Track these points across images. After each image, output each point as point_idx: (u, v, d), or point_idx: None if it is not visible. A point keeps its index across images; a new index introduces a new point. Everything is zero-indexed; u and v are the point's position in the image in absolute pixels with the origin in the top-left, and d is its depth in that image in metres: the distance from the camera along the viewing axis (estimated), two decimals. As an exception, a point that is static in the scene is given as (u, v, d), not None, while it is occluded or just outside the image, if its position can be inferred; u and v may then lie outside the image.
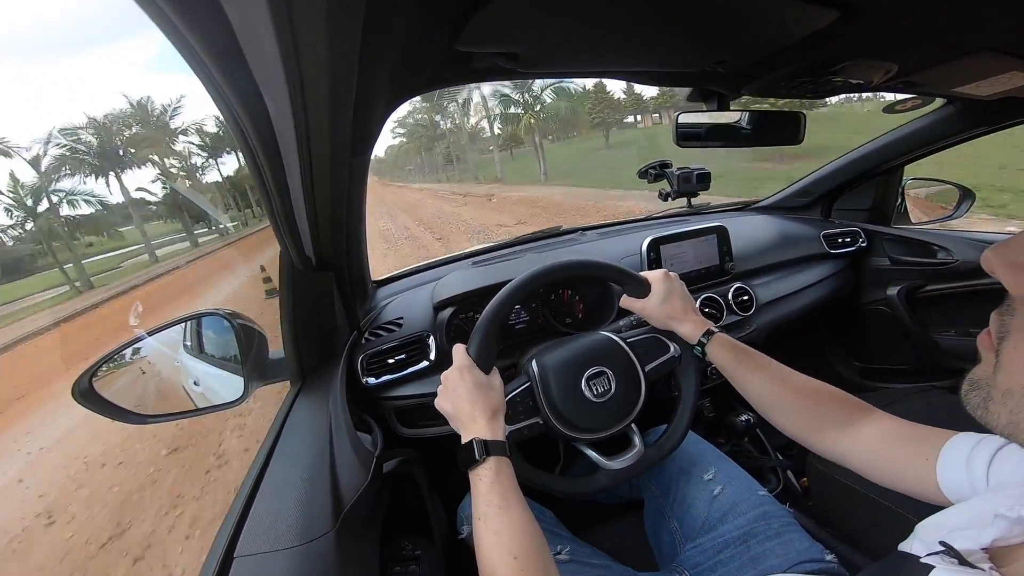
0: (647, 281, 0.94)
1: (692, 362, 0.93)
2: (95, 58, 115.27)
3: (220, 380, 0.99)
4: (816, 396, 0.77)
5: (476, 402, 0.78)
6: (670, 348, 0.94)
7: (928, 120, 1.44)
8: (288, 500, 0.72)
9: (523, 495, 0.71)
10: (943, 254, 1.54)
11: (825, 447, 0.73)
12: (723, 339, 0.88)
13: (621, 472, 0.87)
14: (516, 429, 0.83)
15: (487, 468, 0.71)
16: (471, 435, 0.75)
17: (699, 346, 0.89)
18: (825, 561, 0.80)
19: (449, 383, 0.81)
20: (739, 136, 1.12)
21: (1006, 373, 0.35)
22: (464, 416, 0.78)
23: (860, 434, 0.69)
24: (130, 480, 3.60)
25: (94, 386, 0.84)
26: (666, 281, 0.94)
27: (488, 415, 0.77)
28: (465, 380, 0.79)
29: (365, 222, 1.08)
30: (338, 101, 0.48)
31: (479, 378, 0.80)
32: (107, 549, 2.90)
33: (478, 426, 0.76)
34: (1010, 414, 0.34)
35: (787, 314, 1.48)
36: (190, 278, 17.80)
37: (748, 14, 0.65)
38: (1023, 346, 0.34)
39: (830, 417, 0.74)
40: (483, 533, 0.67)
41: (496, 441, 0.74)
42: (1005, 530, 0.38)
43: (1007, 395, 0.34)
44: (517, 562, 0.62)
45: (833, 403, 0.75)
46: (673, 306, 0.92)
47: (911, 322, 1.62)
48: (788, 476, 1.47)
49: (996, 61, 0.84)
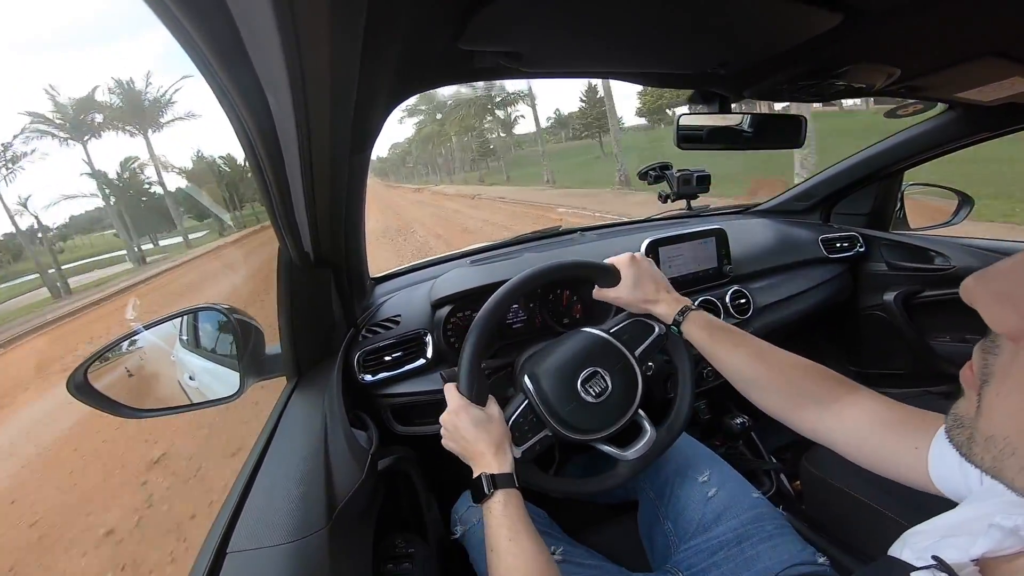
0: (614, 268, 0.94)
1: (680, 337, 0.93)
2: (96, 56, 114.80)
3: (216, 375, 0.99)
4: (795, 372, 0.76)
5: (479, 439, 0.78)
6: (655, 328, 0.94)
7: (929, 125, 1.44)
8: (282, 496, 0.72)
9: (532, 523, 0.73)
10: (940, 260, 1.54)
11: (806, 425, 0.72)
12: (698, 317, 0.88)
13: (639, 461, 0.87)
14: (528, 447, 0.83)
15: (496, 501, 0.72)
16: (480, 469, 0.76)
17: (675, 325, 0.89)
18: (817, 564, 0.81)
19: (449, 426, 0.82)
20: (740, 138, 1.13)
21: (987, 419, 0.33)
22: (471, 453, 0.79)
23: (844, 413, 0.68)
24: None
25: (89, 379, 0.84)
26: (633, 265, 0.93)
27: (493, 449, 0.77)
28: (463, 420, 0.79)
29: (364, 219, 1.08)
30: (340, 98, 0.48)
31: (476, 415, 0.80)
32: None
33: (485, 460, 0.77)
34: (993, 460, 0.32)
35: (784, 318, 1.48)
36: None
37: (751, 17, 0.64)
38: (1005, 394, 0.32)
39: (810, 394, 0.73)
40: (494, 564, 0.68)
41: (503, 474, 0.75)
42: (997, 542, 0.37)
43: (989, 442, 0.32)
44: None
45: (813, 379, 0.74)
46: (646, 289, 0.92)
47: (908, 327, 1.63)
48: (781, 479, 1.47)
49: (998, 66, 0.84)
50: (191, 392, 1.04)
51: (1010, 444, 0.31)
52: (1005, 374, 0.32)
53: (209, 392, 0.98)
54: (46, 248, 26.37)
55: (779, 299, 1.50)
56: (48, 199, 28.68)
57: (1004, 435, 0.31)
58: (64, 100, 27.77)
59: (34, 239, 27.86)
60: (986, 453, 0.32)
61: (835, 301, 1.66)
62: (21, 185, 27.11)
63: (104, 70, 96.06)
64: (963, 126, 1.36)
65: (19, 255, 28.77)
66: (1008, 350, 0.31)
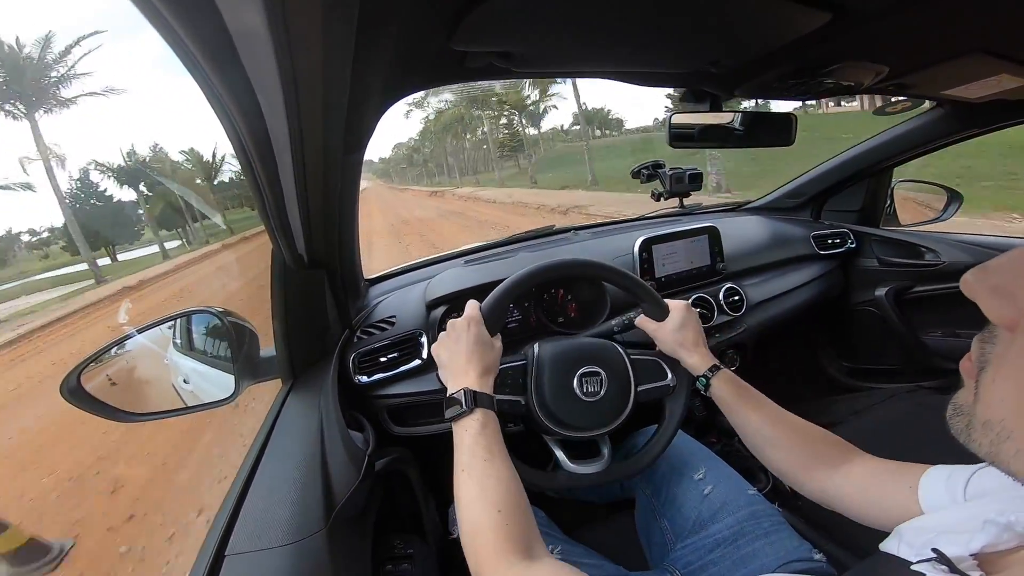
0: (667, 308, 0.96)
1: (683, 393, 0.94)
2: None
3: (210, 378, 0.98)
4: (809, 435, 0.79)
5: (473, 356, 0.78)
6: (667, 377, 0.95)
7: (917, 123, 1.45)
8: (279, 498, 0.72)
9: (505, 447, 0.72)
10: (931, 256, 1.56)
11: (815, 485, 0.74)
12: (728, 375, 0.89)
13: (580, 477, 0.88)
14: (497, 400, 0.82)
15: (474, 419, 0.71)
16: (459, 385, 0.75)
17: (703, 379, 0.90)
18: (814, 560, 0.81)
19: (454, 331, 0.82)
20: (732, 137, 1.13)
21: (984, 404, 0.34)
22: (457, 367, 0.79)
23: (850, 474, 0.71)
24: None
25: (82, 384, 0.83)
26: (685, 312, 0.95)
27: (480, 370, 0.78)
28: (470, 332, 0.80)
29: (357, 220, 1.08)
30: (332, 100, 0.48)
31: (483, 334, 0.81)
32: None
33: (468, 378, 0.76)
34: (990, 444, 0.33)
35: (777, 314, 1.49)
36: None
37: (741, 15, 0.65)
38: (1001, 379, 0.33)
39: (822, 456, 0.75)
40: (467, 485, 0.66)
41: (484, 394, 0.75)
42: (994, 536, 0.38)
43: (987, 426, 0.34)
44: (501, 515, 0.62)
45: (825, 443, 0.77)
46: (686, 336, 0.93)
47: (899, 323, 1.64)
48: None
49: (986, 63, 0.85)
50: (186, 395, 1.03)
51: (1006, 428, 0.32)
52: (1001, 361, 0.33)
53: (204, 395, 0.97)
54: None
55: (772, 296, 1.51)
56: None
57: (1000, 418, 0.33)
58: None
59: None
60: (984, 438, 0.34)
61: (827, 297, 1.67)
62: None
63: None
64: (951, 123, 1.37)
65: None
66: (1004, 340, 0.33)
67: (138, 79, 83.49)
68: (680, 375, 0.94)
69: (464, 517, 0.64)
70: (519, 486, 0.67)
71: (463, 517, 0.64)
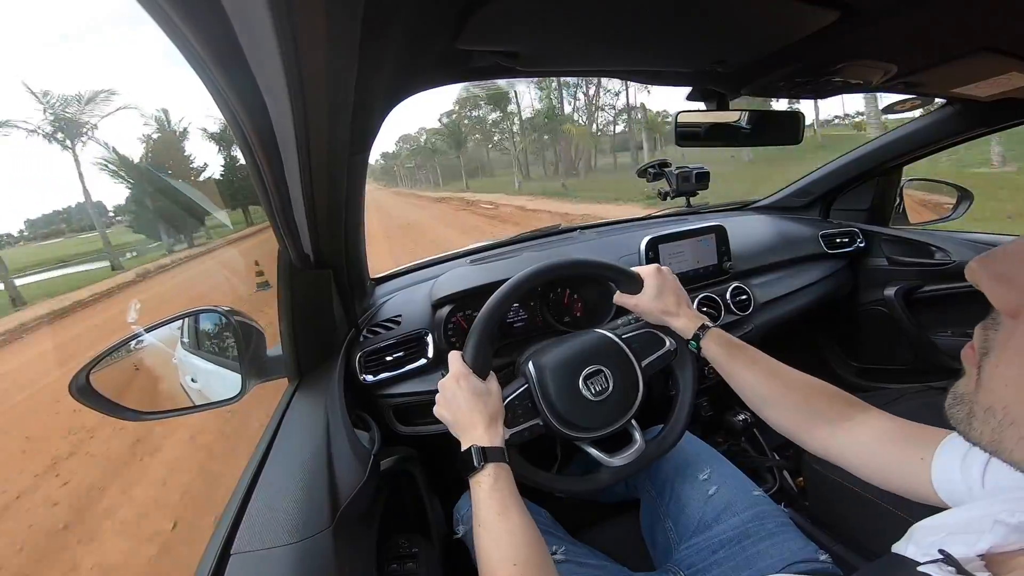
0: (639, 276, 0.95)
1: (688, 356, 0.94)
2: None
3: (218, 377, 0.99)
4: (808, 391, 0.77)
5: (474, 409, 0.78)
6: (666, 342, 0.94)
7: (926, 121, 1.44)
8: (285, 497, 0.72)
9: (521, 498, 0.72)
10: (941, 255, 1.54)
11: (817, 443, 0.73)
12: (717, 334, 0.88)
13: (623, 469, 0.87)
14: (517, 432, 0.83)
15: (486, 475, 0.72)
16: (470, 442, 0.75)
17: (694, 340, 0.89)
18: (819, 561, 0.81)
19: (447, 391, 0.81)
20: (738, 135, 1.12)
21: (987, 391, 0.34)
22: (463, 423, 0.78)
23: (854, 431, 0.69)
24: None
25: (91, 383, 0.84)
26: (658, 276, 0.94)
27: (486, 422, 0.77)
28: (462, 388, 0.79)
29: (364, 219, 1.08)
30: (338, 100, 0.48)
31: (476, 385, 0.80)
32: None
33: (477, 433, 0.76)
34: (992, 432, 0.33)
35: (785, 314, 1.48)
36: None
37: (748, 14, 0.64)
38: (1004, 364, 0.33)
39: (823, 413, 0.74)
40: (483, 539, 0.67)
41: (494, 448, 0.75)
42: (1003, 537, 0.38)
43: (989, 413, 0.34)
44: (517, 568, 0.62)
45: (826, 399, 0.75)
46: (666, 301, 0.92)
47: (909, 322, 1.63)
48: (784, 476, 1.47)
49: (995, 62, 0.84)
50: (193, 394, 1.04)
51: (1009, 414, 0.32)
52: (1004, 347, 0.33)
53: (211, 394, 0.98)
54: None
55: (779, 295, 1.50)
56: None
57: (1003, 404, 0.33)
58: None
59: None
60: (985, 426, 0.34)
61: (835, 297, 1.66)
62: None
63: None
64: (961, 121, 1.36)
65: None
66: (1007, 326, 0.33)
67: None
68: (678, 338, 0.94)
69: (483, 569, 0.66)
70: (535, 536, 0.67)
71: (482, 568, 0.66)
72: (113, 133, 34.04)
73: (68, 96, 22.57)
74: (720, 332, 0.88)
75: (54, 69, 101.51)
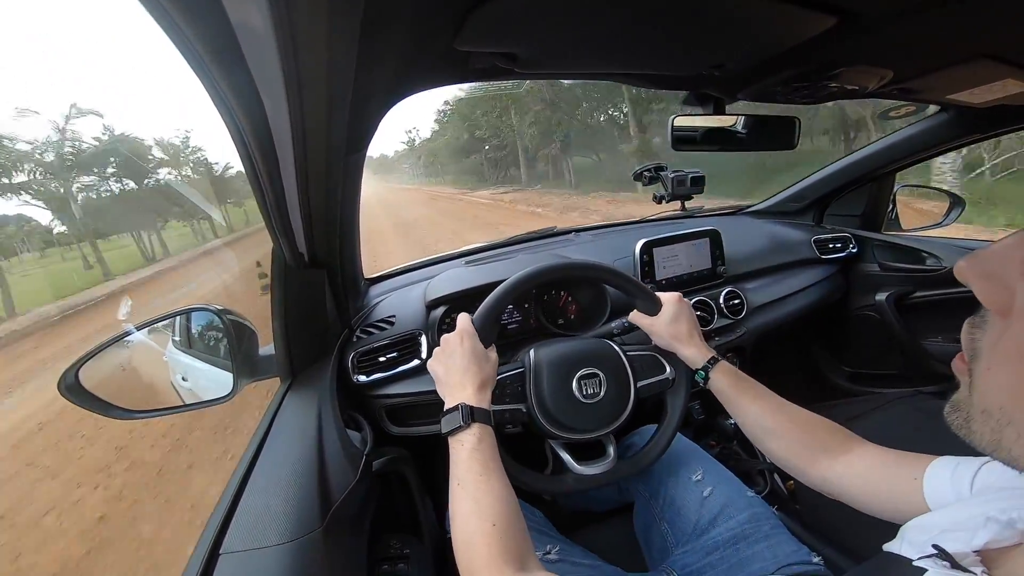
0: (660, 301, 0.95)
1: (683, 387, 0.94)
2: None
3: (209, 376, 0.99)
4: (810, 425, 0.79)
5: (468, 370, 0.78)
6: (666, 370, 0.95)
7: (921, 127, 1.45)
8: (276, 497, 0.72)
9: (502, 463, 0.72)
10: (932, 261, 1.56)
11: (816, 474, 0.74)
12: (727, 367, 0.89)
13: (588, 478, 0.88)
14: (498, 411, 0.83)
15: (470, 434, 0.71)
16: (457, 400, 0.75)
17: (702, 371, 0.90)
18: (812, 564, 0.81)
19: (448, 346, 0.82)
20: (734, 140, 1.13)
21: (980, 394, 0.35)
22: (454, 381, 0.78)
23: (852, 463, 0.71)
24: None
25: (80, 380, 0.83)
26: (678, 304, 0.95)
27: (477, 384, 0.77)
28: (464, 346, 0.80)
29: (359, 219, 1.07)
30: (336, 99, 0.48)
31: (477, 347, 0.81)
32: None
33: (466, 393, 0.76)
34: (991, 432, 0.34)
35: (777, 318, 1.49)
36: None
37: (745, 19, 0.65)
38: (995, 367, 0.34)
39: (823, 445, 0.75)
40: (461, 499, 0.67)
41: (481, 409, 0.75)
42: (996, 533, 0.39)
43: (986, 415, 0.34)
44: (495, 529, 0.62)
45: (826, 432, 0.77)
46: (680, 328, 0.93)
47: (900, 328, 1.64)
48: (775, 479, 1.48)
49: (991, 68, 0.85)
50: (184, 393, 1.03)
51: (1006, 414, 0.33)
52: (993, 349, 0.34)
53: (202, 393, 0.97)
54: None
55: (772, 299, 1.51)
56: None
57: (999, 405, 0.33)
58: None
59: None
60: (984, 427, 0.34)
61: (828, 301, 1.66)
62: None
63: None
64: (956, 128, 1.37)
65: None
66: (996, 326, 0.34)
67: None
68: (679, 368, 0.94)
69: (458, 529, 0.65)
70: (514, 500, 0.67)
71: (457, 529, 0.65)
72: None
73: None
74: (729, 366, 0.89)
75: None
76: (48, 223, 23.25)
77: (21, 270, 21.44)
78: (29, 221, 23.35)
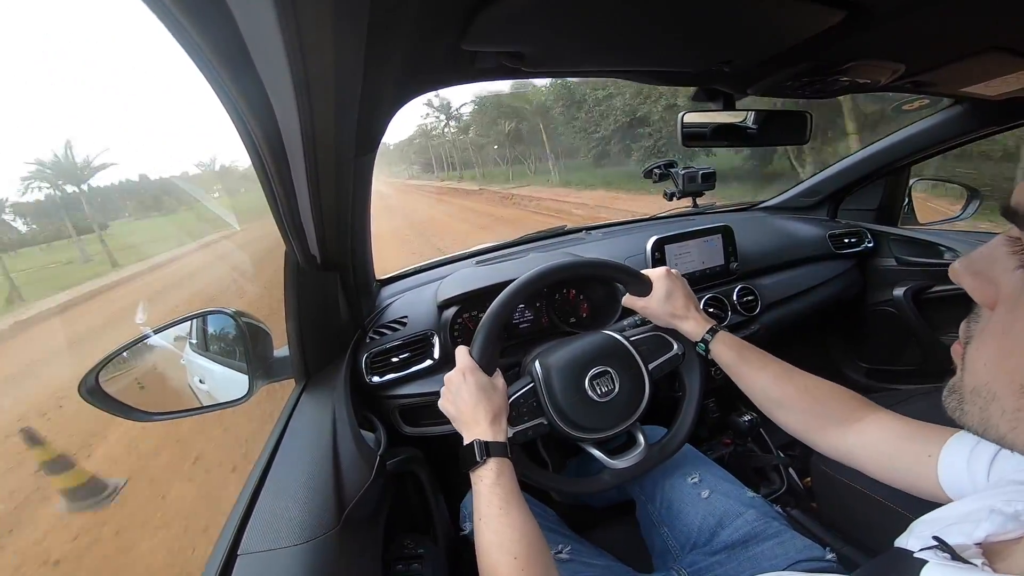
0: (649, 279, 0.94)
1: (696, 360, 0.93)
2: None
3: (225, 378, 1.00)
4: (819, 393, 0.77)
5: (479, 404, 0.78)
6: (673, 346, 0.94)
7: (936, 120, 1.43)
8: (292, 498, 0.72)
9: (524, 496, 0.72)
10: (950, 255, 1.53)
11: (828, 444, 0.73)
12: (727, 337, 0.88)
13: (625, 471, 0.87)
14: (520, 430, 0.83)
15: (488, 469, 0.72)
16: (473, 436, 0.76)
17: (703, 343, 0.89)
18: (824, 560, 0.80)
19: (452, 385, 0.82)
20: (745, 136, 1.12)
21: (970, 372, 0.36)
22: (467, 418, 0.78)
23: (864, 431, 0.70)
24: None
25: (100, 384, 0.84)
26: (668, 279, 0.93)
27: (490, 417, 0.77)
28: (468, 382, 0.79)
29: (370, 220, 1.08)
30: (344, 101, 0.48)
31: (482, 380, 0.80)
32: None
33: (480, 428, 0.76)
34: (980, 411, 0.35)
35: (792, 314, 1.47)
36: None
37: (755, 14, 0.64)
38: (983, 347, 0.36)
39: (834, 414, 0.74)
40: (483, 533, 0.68)
41: (497, 443, 0.75)
42: (999, 525, 0.39)
43: (975, 393, 0.35)
44: (517, 562, 0.63)
45: (836, 400, 0.75)
46: (675, 304, 0.92)
47: (918, 323, 1.61)
48: (791, 475, 1.46)
49: (1005, 61, 0.84)
50: (201, 395, 1.04)
51: (991, 390, 0.34)
52: (983, 334, 0.36)
53: (219, 395, 0.99)
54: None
55: (787, 296, 1.49)
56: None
57: (985, 382, 0.35)
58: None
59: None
60: (973, 407, 0.36)
61: (844, 297, 1.64)
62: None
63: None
64: (970, 120, 1.35)
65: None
66: (986, 316, 0.36)
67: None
68: (685, 342, 0.94)
69: (483, 564, 0.66)
70: (535, 531, 0.68)
71: (482, 565, 0.66)
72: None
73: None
74: (729, 335, 0.88)
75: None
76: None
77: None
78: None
